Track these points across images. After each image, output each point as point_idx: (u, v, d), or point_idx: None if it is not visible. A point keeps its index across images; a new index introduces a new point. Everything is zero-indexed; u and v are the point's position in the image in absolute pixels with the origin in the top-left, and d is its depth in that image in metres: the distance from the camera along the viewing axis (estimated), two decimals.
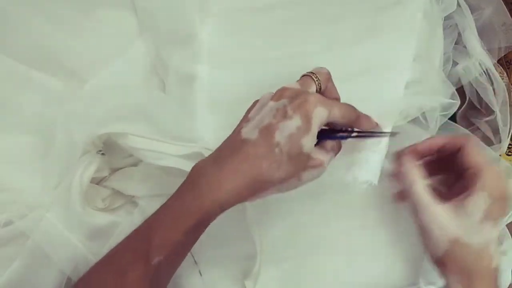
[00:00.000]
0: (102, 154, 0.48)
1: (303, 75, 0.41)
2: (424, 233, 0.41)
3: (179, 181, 0.45)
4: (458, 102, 0.52)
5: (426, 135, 0.50)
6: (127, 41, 0.52)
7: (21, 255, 0.46)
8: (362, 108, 0.45)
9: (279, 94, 0.38)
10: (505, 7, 0.54)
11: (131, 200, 0.50)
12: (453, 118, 0.55)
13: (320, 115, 0.37)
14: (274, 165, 0.36)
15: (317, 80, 0.40)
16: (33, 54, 0.50)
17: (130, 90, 0.49)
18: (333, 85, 0.42)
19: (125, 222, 0.48)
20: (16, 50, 0.50)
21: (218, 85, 0.49)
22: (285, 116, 0.36)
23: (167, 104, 0.47)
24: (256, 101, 0.41)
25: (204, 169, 0.37)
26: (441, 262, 0.40)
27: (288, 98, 0.37)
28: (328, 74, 0.42)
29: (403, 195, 0.45)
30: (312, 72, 0.41)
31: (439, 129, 0.53)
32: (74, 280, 0.47)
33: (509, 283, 0.50)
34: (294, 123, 0.36)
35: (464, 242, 0.39)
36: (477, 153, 0.41)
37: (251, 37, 0.50)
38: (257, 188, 0.37)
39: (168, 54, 0.49)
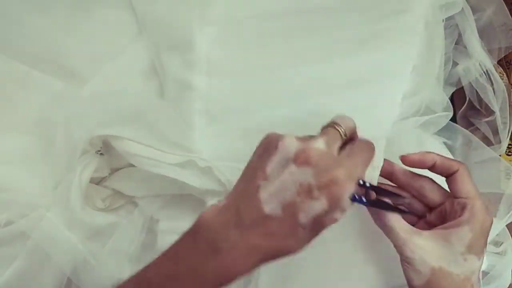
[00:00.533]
0: (101, 154, 0.48)
1: (327, 126, 0.38)
2: (404, 261, 0.40)
3: (178, 181, 0.45)
4: (451, 114, 0.53)
5: (427, 137, 0.50)
6: (127, 41, 0.51)
7: (21, 255, 0.46)
8: (358, 117, 0.45)
9: (303, 158, 0.34)
10: (506, 7, 0.54)
11: (131, 200, 0.50)
12: (453, 118, 0.55)
13: (349, 192, 0.34)
14: (299, 241, 0.35)
15: (343, 133, 0.37)
16: (34, 54, 0.50)
17: (129, 94, 0.49)
18: (357, 135, 0.40)
19: (125, 223, 0.48)
20: (17, 50, 0.50)
21: (216, 95, 0.48)
22: (310, 196, 0.33)
23: (165, 111, 0.47)
24: (266, 142, 0.37)
25: (227, 235, 0.34)
26: None
27: (314, 169, 0.34)
28: (354, 125, 0.39)
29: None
30: (335, 123, 0.38)
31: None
32: (73, 282, 0.48)
33: (509, 283, 0.51)
34: (320, 206, 0.33)
35: (447, 272, 0.39)
36: (471, 182, 0.41)
37: (251, 46, 0.50)
38: (278, 258, 0.35)
39: (167, 60, 0.48)
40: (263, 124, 0.47)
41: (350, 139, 0.39)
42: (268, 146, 0.36)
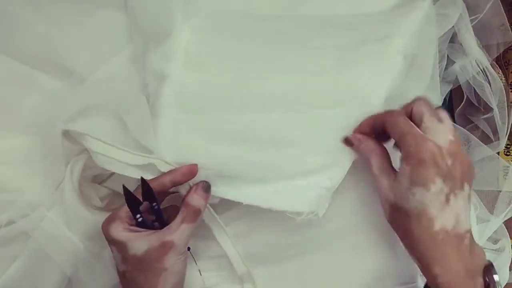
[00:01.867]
0: None
1: None
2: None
3: None
4: None
5: None
6: (126, 41, 0.52)
7: (22, 255, 0.46)
8: (326, 140, 0.46)
9: None
10: (502, 8, 0.54)
11: None
12: (451, 117, 0.55)
13: (109, 229, 0.41)
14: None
15: None
16: (34, 54, 0.50)
17: (108, 86, 0.49)
18: None
19: None
20: (17, 51, 0.50)
21: (188, 87, 0.48)
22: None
23: (139, 104, 0.47)
24: None
25: None
26: (392, 227, 0.43)
27: None
28: None
29: None
30: None
31: None
32: (74, 282, 0.48)
33: (506, 280, 0.51)
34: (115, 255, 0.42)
35: (401, 207, 0.40)
36: (395, 123, 0.41)
37: (232, 43, 0.49)
38: None
39: (150, 53, 0.48)
40: (228, 128, 0.47)
41: None
42: None
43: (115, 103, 0.47)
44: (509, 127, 0.56)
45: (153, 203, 0.41)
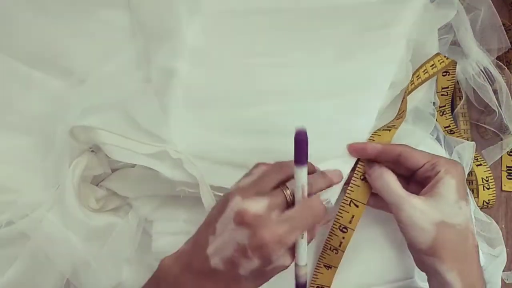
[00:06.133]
0: (92, 151, 0.48)
1: (278, 186, 0.39)
2: (407, 227, 0.41)
3: (170, 181, 0.45)
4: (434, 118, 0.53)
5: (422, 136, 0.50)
6: (127, 40, 0.52)
7: (22, 256, 0.46)
8: (331, 129, 0.46)
9: (240, 218, 0.35)
10: (503, 8, 0.53)
11: (126, 202, 0.50)
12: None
13: (277, 255, 0.36)
14: (247, 286, 0.37)
15: (288, 197, 0.38)
16: (34, 54, 0.50)
17: (113, 82, 0.49)
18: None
19: (121, 224, 0.49)
20: (17, 51, 0.50)
21: (196, 83, 0.48)
22: (245, 255, 0.35)
23: (145, 96, 0.47)
24: (224, 199, 0.38)
25: (184, 280, 0.37)
26: (431, 251, 0.40)
27: (249, 231, 0.35)
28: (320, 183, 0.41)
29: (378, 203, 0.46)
30: (285, 185, 0.38)
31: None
32: (73, 284, 0.48)
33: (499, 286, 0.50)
34: (254, 264, 0.35)
35: (449, 224, 0.39)
36: (419, 151, 0.42)
37: (237, 40, 0.50)
38: None
39: (152, 50, 0.48)
40: (237, 122, 0.47)
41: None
42: (223, 202, 0.37)
43: (119, 98, 0.47)
44: None
45: None
